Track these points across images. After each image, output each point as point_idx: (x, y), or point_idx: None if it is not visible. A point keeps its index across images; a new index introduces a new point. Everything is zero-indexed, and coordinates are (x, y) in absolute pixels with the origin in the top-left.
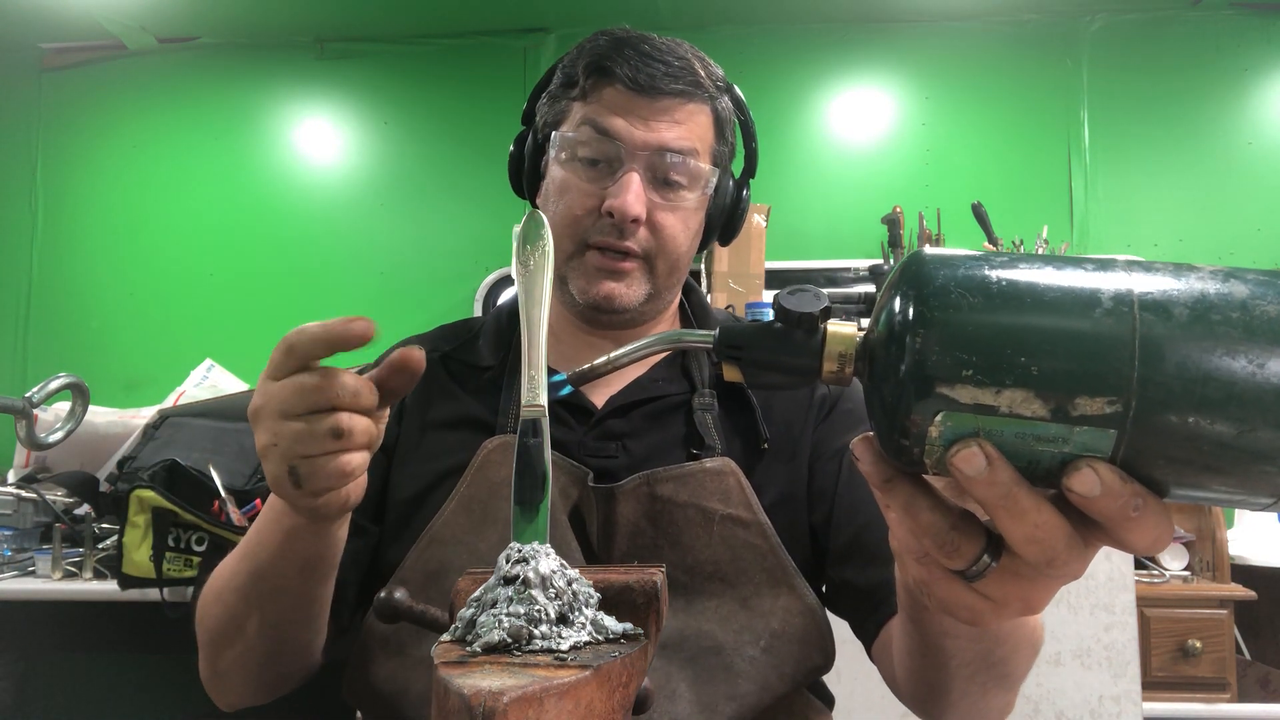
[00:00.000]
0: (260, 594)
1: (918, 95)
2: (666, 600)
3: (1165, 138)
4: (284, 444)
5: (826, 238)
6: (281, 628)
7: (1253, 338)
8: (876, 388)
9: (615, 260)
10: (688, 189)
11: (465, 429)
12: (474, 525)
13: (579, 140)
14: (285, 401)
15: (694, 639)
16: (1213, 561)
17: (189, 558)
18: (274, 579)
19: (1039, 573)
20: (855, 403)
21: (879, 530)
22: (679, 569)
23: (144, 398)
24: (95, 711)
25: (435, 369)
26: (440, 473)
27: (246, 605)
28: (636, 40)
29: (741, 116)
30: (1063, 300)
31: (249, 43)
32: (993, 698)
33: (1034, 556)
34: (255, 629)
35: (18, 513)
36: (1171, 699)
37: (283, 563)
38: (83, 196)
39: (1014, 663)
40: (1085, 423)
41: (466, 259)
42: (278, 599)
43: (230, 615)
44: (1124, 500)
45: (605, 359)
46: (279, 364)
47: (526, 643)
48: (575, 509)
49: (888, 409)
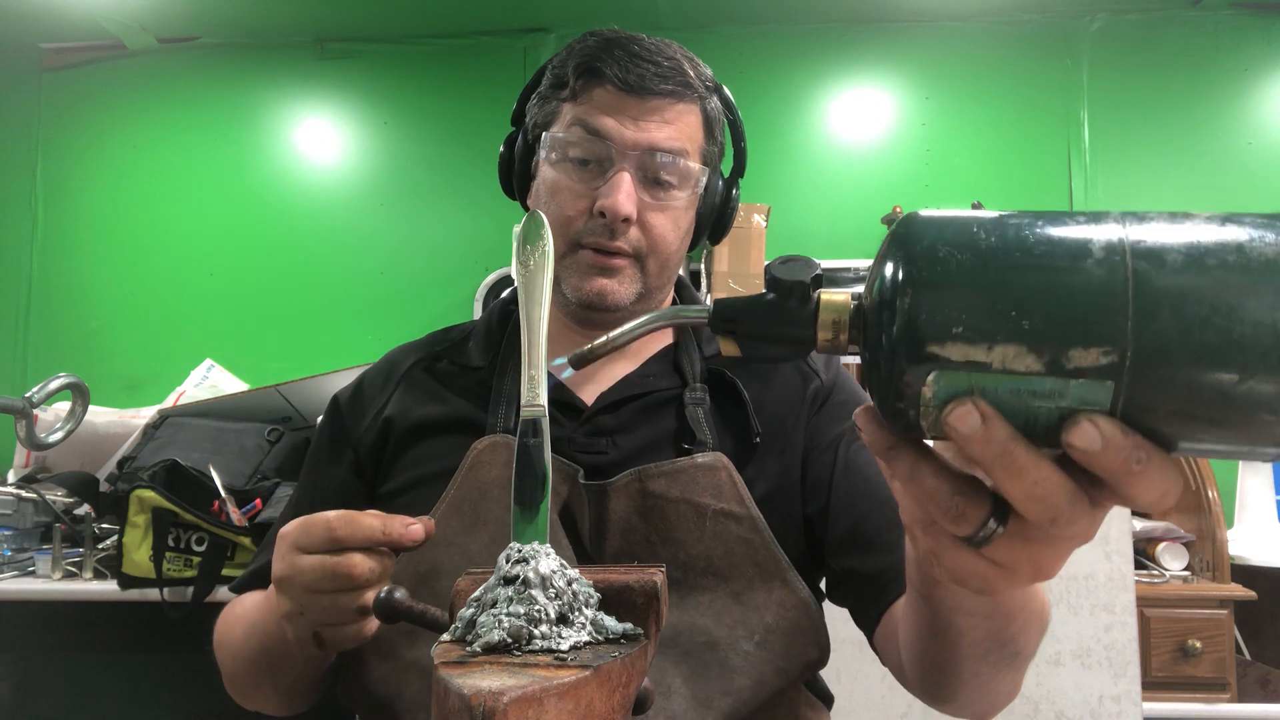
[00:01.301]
0: (272, 669)
1: (918, 95)
2: (666, 600)
3: (1165, 138)
4: (311, 614)
5: (826, 238)
6: (293, 686)
7: (1250, 280)
8: (870, 353)
9: (607, 257)
10: (678, 188)
11: (455, 431)
12: (465, 526)
13: (569, 141)
14: (315, 580)
15: (688, 634)
16: (1213, 561)
17: (189, 558)
18: (282, 661)
19: (1046, 534)
20: (849, 394)
21: (878, 517)
22: (672, 565)
23: (144, 398)
24: (95, 711)
25: (421, 374)
26: (430, 475)
27: (259, 672)
28: (626, 41)
29: (730, 116)
30: (1052, 252)
31: (249, 43)
32: (1003, 677)
33: (1037, 516)
34: (270, 688)
35: (18, 513)
36: (1171, 699)
37: (289, 655)
38: (83, 196)
39: (1024, 640)
40: (1081, 375)
41: (466, 259)
42: (287, 672)
43: (245, 674)
44: (1126, 453)
45: (604, 339)
46: (316, 541)
47: (526, 643)
48: (566, 506)
49: (882, 373)
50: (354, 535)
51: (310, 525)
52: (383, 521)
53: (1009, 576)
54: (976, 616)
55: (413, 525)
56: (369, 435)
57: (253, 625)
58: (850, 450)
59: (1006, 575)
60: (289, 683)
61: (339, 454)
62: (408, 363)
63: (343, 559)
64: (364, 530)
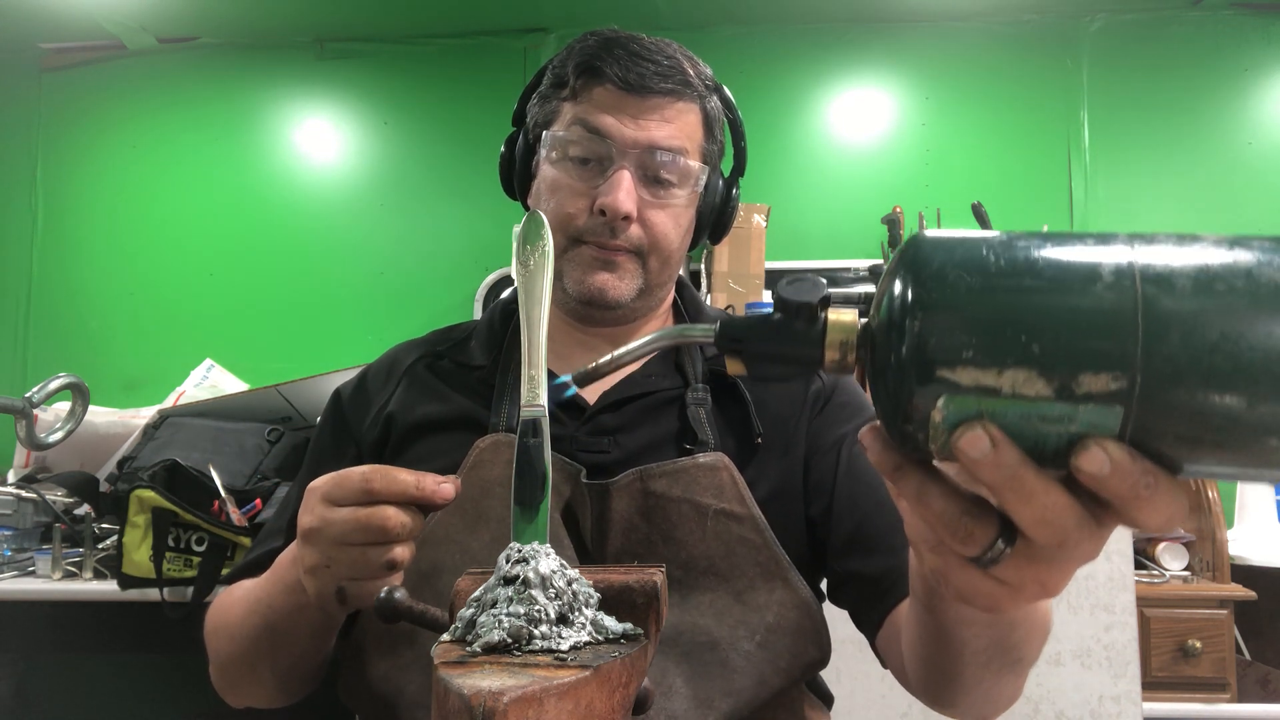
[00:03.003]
0: (273, 646)
1: (918, 95)
2: (666, 600)
3: (1165, 138)
4: (337, 568)
5: (826, 238)
6: (292, 668)
7: (1259, 305)
8: (879, 374)
9: (608, 251)
10: (678, 186)
11: (458, 429)
12: (467, 525)
13: (570, 139)
14: (346, 533)
15: (689, 634)
16: (1213, 561)
17: (189, 558)
18: (285, 637)
19: (1053, 555)
20: (850, 395)
21: (881, 520)
22: (673, 564)
23: (144, 398)
24: (95, 711)
25: (423, 372)
26: (432, 472)
27: (257, 653)
28: (626, 40)
29: (730, 115)
30: (1062, 276)
31: (249, 43)
32: (1005, 683)
33: (1045, 539)
34: (267, 671)
35: (18, 513)
36: (1171, 699)
37: (295, 627)
38: (83, 196)
39: (1027, 647)
40: (1090, 400)
41: (466, 259)
42: (289, 649)
43: (241, 656)
44: (1134, 479)
45: (609, 358)
46: (348, 493)
47: (526, 643)
48: (568, 506)
49: (891, 395)
50: (388, 489)
51: (344, 478)
52: (416, 477)
53: (1015, 595)
54: (980, 627)
55: (444, 484)
56: (371, 431)
57: (256, 601)
58: (852, 452)
59: (1012, 594)
60: (289, 663)
61: (341, 448)
62: (410, 359)
63: (375, 511)
64: (398, 484)
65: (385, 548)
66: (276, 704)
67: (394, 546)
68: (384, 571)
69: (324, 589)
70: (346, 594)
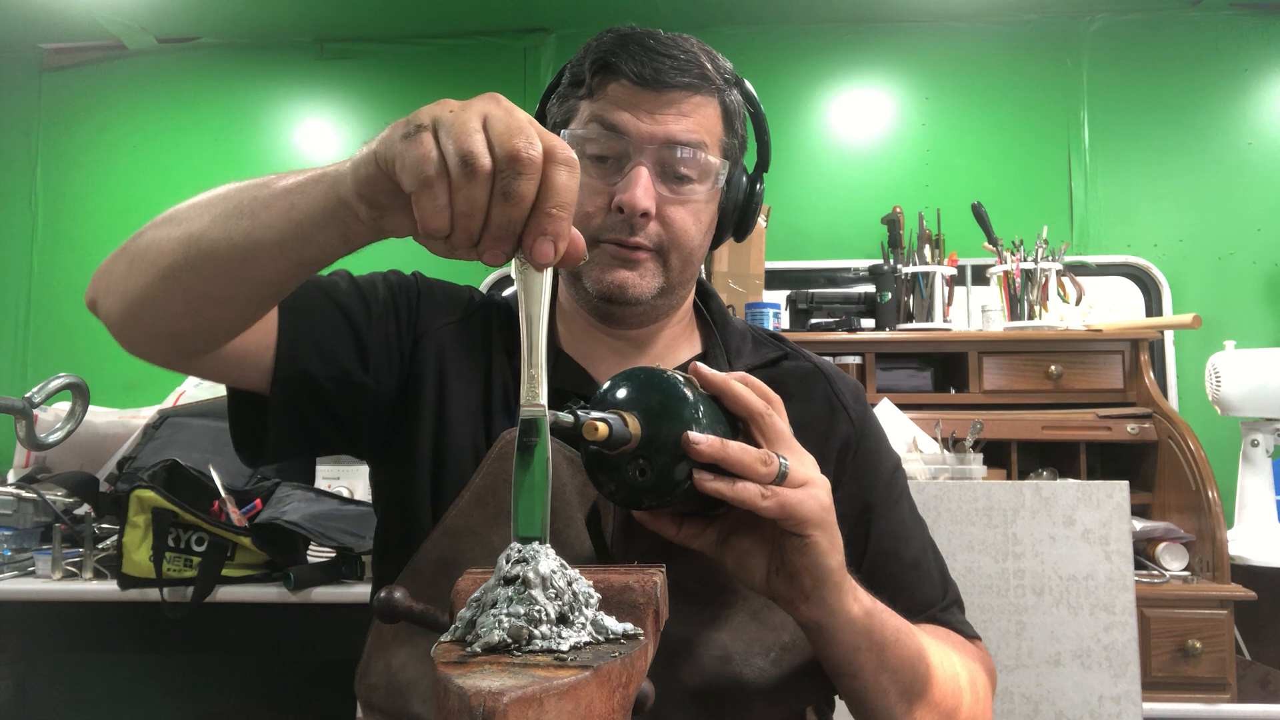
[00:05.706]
0: (252, 236)
1: (917, 95)
2: (666, 601)
3: (1165, 138)
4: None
5: (826, 238)
6: (257, 283)
7: None
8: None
9: (628, 250)
10: (697, 182)
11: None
12: (490, 518)
13: (587, 137)
14: (490, 114)
15: (703, 647)
16: (1213, 561)
17: (189, 558)
18: (261, 258)
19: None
20: (876, 443)
21: (900, 577)
22: (692, 576)
23: (144, 398)
24: (95, 711)
25: (456, 338)
26: (453, 459)
27: (194, 272)
28: (642, 36)
29: (752, 110)
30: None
31: (249, 43)
32: (901, 711)
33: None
34: (213, 274)
35: (18, 513)
36: (1171, 699)
37: (287, 247)
38: (83, 196)
39: (909, 673)
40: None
41: None
42: (240, 281)
43: (198, 237)
44: None
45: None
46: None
47: (526, 643)
48: (594, 508)
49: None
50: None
51: (480, 100)
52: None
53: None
54: (864, 652)
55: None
56: (410, 358)
57: (263, 184)
58: (880, 526)
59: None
60: (254, 278)
61: (392, 315)
62: (455, 318)
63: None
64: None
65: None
66: (200, 337)
67: (478, 187)
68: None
69: (375, 177)
70: (384, 207)
